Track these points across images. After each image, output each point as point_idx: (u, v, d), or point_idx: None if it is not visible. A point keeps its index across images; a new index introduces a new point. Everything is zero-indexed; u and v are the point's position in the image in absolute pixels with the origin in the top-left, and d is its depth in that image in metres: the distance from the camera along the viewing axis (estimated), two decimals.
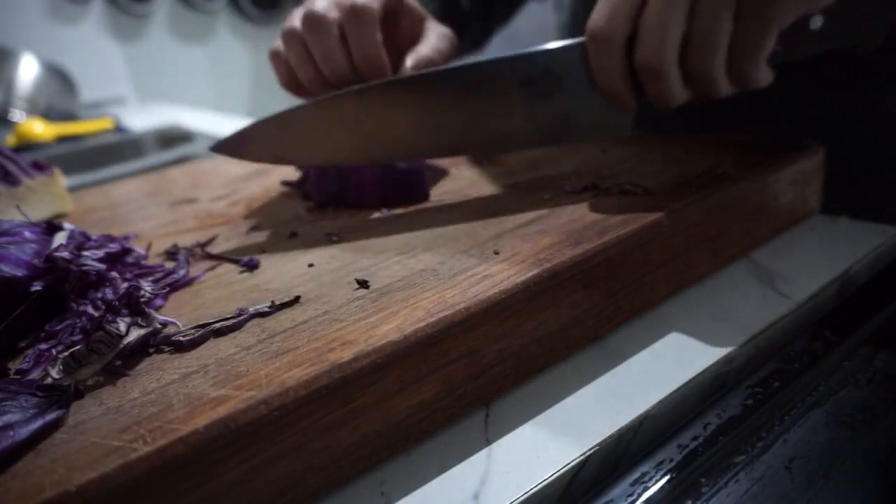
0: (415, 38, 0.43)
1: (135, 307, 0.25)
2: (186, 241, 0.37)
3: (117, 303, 0.25)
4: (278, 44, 0.42)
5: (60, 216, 0.50)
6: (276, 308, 0.26)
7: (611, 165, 0.38)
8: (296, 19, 0.40)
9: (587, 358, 0.28)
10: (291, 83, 0.42)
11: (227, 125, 1.23)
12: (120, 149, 1.21)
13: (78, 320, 0.26)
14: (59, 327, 0.26)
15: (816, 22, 0.30)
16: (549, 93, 0.33)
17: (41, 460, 0.18)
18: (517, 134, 0.35)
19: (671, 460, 0.24)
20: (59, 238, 0.30)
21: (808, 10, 0.29)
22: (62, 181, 0.51)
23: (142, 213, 0.46)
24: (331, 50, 0.38)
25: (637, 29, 0.30)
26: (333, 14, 0.38)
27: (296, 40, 0.40)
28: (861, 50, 0.32)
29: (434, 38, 0.42)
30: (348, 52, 0.39)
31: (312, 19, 0.38)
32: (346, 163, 0.37)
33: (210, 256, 0.34)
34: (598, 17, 0.31)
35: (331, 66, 0.39)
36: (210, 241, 0.36)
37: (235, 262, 0.32)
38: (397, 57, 0.43)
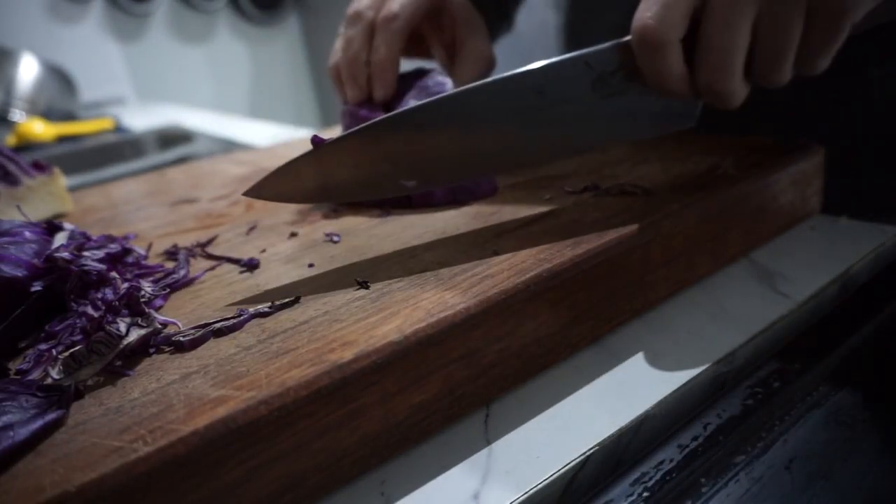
0: (454, 45, 0.44)
1: (135, 307, 0.25)
2: (186, 241, 0.37)
3: (117, 303, 0.25)
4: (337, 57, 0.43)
5: (60, 216, 0.50)
6: (276, 308, 0.26)
7: (611, 165, 0.38)
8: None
9: (587, 358, 0.28)
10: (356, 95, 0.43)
11: (227, 125, 1.23)
12: (120, 149, 1.22)
13: (78, 320, 0.26)
14: (59, 327, 0.26)
15: None
16: (621, 91, 0.30)
17: (41, 460, 0.18)
18: (580, 137, 0.31)
19: (671, 460, 0.24)
20: (60, 238, 0.30)
21: None
22: (62, 181, 0.51)
23: (142, 213, 0.46)
24: (357, 50, 0.40)
25: (697, 37, 0.27)
26: (370, 14, 0.40)
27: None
28: None
29: (467, 64, 0.43)
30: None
31: (351, 14, 0.41)
32: (395, 194, 0.32)
33: (210, 256, 0.34)
34: (647, 14, 0.27)
35: (351, 66, 0.41)
36: (210, 241, 0.36)
37: (235, 262, 0.32)
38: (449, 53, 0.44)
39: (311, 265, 0.30)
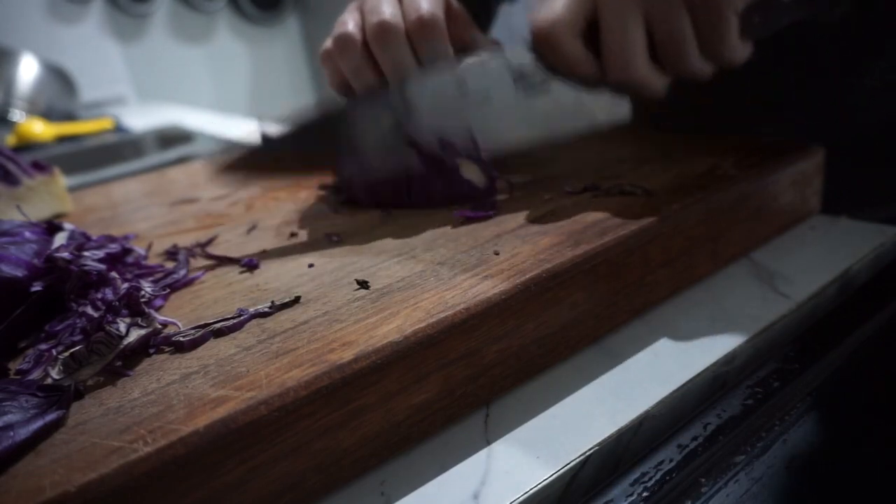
0: (462, 48, 0.40)
1: (135, 307, 0.25)
2: (186, 241, 0.37)
3: (117, 303, 0.25)
4: (329, 45, 0.38)
5: (60, 216, 0.50)
6: (277, 308, 0.26)
7: (611, 166, 0.38)
8: (350, 23, 0.36)
9: (587, 358, 0.28)
10: (343, 87, 0.39)
11: (227, 125, 1.23)
12: (120, 149, 1.21)
13: (78, 320, 0.26)
14: (59, 327, 0.26)
15: None
16: (544, 86, 0.33)
17: (41, 461, 0.18)
18: (517, 129, 0.34)
19: (671, 460, 0.24)
20: (60, 238, 0.30)
21: None
22: (62, 181, 0.51)
23: (142, 213, 0.46)
24: (400, 62, 0.35)
25: (599, 42, 0.29)
26: (401, 24, 0.34)
27: (353, 47, 0.35)
28: (833, 18, 0.32)
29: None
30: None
31: (382, 28, 0.34)
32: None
33: (210, 256, 0.34)
34: (543, 14, 0.29)
35: (398, 77, 0.36)
36: (210, 241, 0.36)
37: (235, 262, 0.32)
38: None
39: (311, 265, 0.30)
